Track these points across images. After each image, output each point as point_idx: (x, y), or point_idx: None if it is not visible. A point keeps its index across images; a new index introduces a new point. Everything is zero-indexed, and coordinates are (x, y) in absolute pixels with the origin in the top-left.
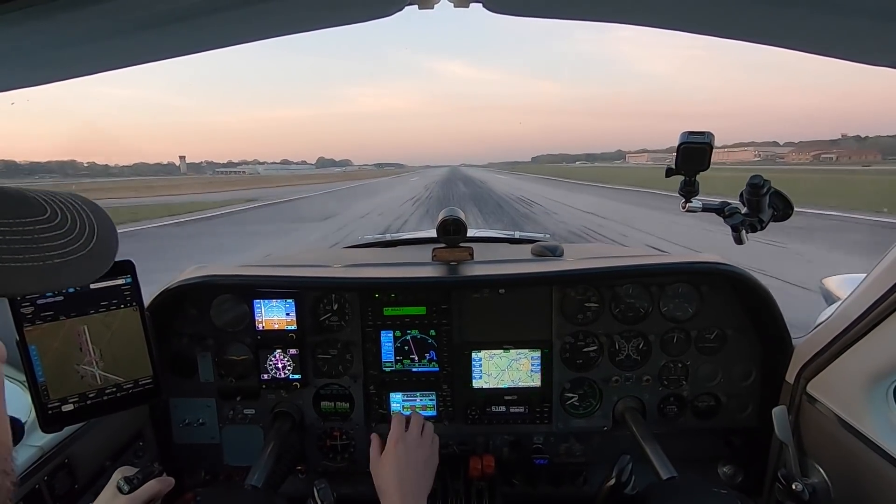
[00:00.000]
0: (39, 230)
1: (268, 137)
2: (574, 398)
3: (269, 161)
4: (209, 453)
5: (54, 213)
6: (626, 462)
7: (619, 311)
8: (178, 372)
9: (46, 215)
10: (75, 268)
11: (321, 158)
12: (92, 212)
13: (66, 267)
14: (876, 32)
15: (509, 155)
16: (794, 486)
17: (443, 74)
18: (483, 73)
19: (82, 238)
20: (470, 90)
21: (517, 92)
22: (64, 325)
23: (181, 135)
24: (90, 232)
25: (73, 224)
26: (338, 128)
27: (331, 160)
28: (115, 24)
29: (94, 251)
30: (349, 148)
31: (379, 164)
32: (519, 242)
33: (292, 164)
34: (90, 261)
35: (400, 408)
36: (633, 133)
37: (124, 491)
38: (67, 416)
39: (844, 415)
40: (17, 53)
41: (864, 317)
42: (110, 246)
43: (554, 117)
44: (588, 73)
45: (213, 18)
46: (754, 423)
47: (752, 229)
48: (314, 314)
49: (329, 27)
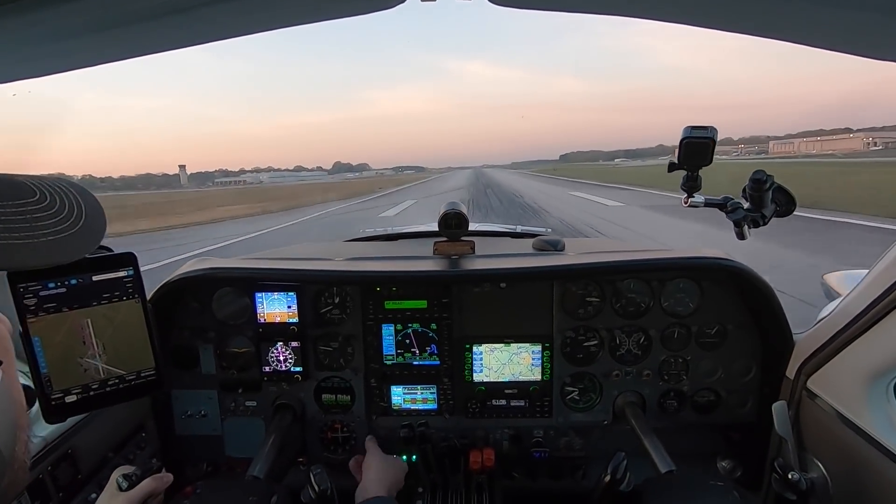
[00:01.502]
0: (32, 211)
1: (282, 144)
2: (574, 392)
3: (281, 168)
4: (211, 445)
5: (43, 196)
6: (621, 459)
7: (620, 306)
8: (179, 364)
9: (36, 197)
10: (67, 244)
11: (337, 163)
12: (79, 193)
13: (58, 244)
14: (884, 27)
15: (535, 153)
16: (791, 475)
17: (462, 74)
18: (503, 70)
19: (71, 218)
20: (490, 89)
21: (538, 90)
22: (67, 318)
23: (185, 144)
24: (79, 212)
25: (63, 205)
26: (355, 132)
27: (347, 165)
28: (115, 14)
29: (83, 229)
30: (367, 151)
31: (398, 167)
32: (520, 236)
33: (302, 171)
34: (80, 238)
35: (401, 401)
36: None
37: (123, 488)
38: (70, 406)
39: (844, 411)
40: (18, 44)
41: (865, 313)
42: (98, 224)
43: (579, 114)
44: (613, 68)
45: (214, 9)
46: (754, 418)
47: (755, 225)
48: (315, 307)
49: (331, 19)
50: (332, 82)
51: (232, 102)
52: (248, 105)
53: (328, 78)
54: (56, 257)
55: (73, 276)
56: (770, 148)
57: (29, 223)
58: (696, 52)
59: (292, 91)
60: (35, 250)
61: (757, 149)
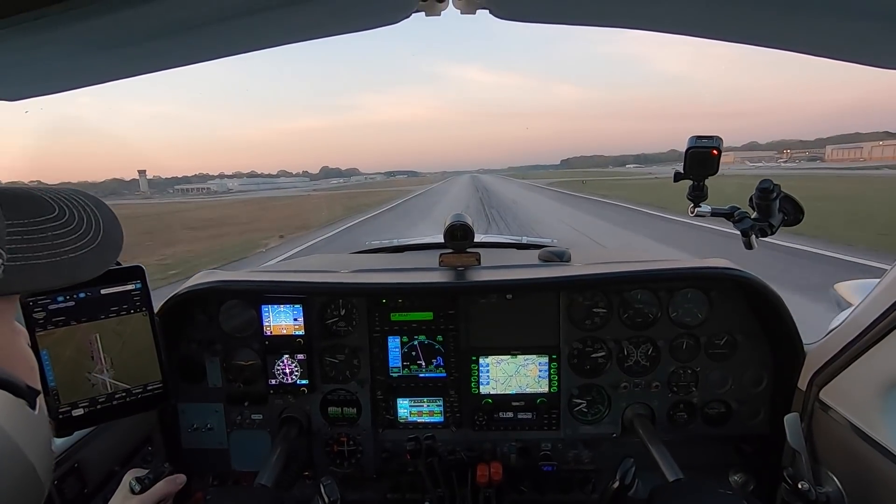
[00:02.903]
0: (51, 228)
1: (270, 149)
2: (582, 404)
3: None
4: (217, 458)
5: (62, 212)
6: (630, 465)
7: (628, 317)
8: (186, 377)
9: (55, 213)
10: (88, 261)
11: (325, 168)
12: (95, 206)
13: (80, 261)
14: (885, 35)
15: (534, 158)
16: (801, 485)
17: (458, 80)
18: (500, 77)
19: (90, 233)
20: (487, 95)
21: (536, 96)
22: (76, 332)
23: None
24: (97, 226)
25: (81, 220)
26: (346, 136)
27: (336, 170)
28: (128, 33)
29: (102, 244)
30: (357, 156)
31: (390, 172)
32: (526, 248)
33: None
34: (100, 254)
35: (407, 413)
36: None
37: (136, 490)
38: (78, 420)
39: (858, 422)
40: (32, 62)
41: (877, 323)
42: (116, 237)
43: (578, 120)
44: (609, 75)
45: (223, 27)
46: (766, 430)
47: (763, 234)
48: (322, 319)
49: (338, 35)
50: (325, 87)
51: (217, 106)
52: (234, 108)
53: (321, 82)
54: (78, 275)
55: (82, 289)
56: (827, 154)
57: (50, 241)
58: (696, 59)
59: (282, 95)
60: (58, 269)
61: (808, 154)
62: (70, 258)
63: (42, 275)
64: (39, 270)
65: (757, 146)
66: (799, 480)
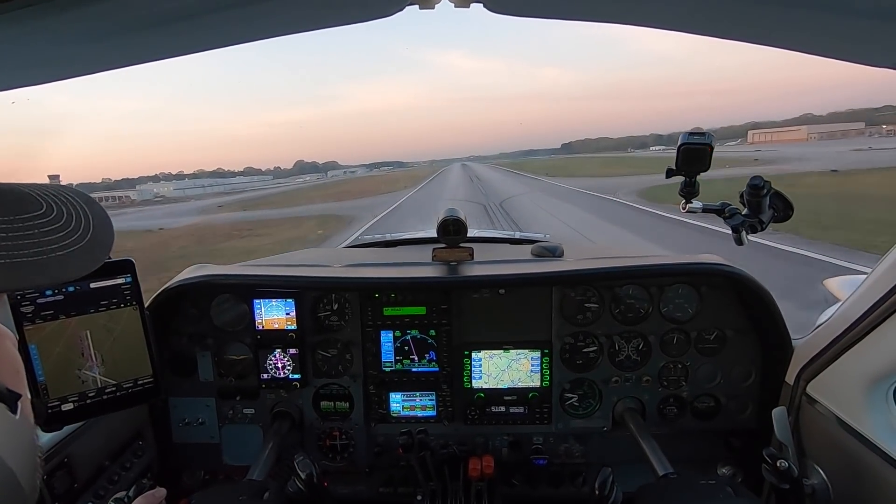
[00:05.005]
0: (38, 225)
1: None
2: (574, 398)
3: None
4: (208, 453)
5: (50, 208)
6: (608, 475)
7: (619, 312)
8: (177, 371)
9: (43, 210)
10: (77, 259)
11: (299, 162)
12: (85, 203)
13: (68, 259)
14: (877, 34)
15: (530, 142)
16: (779, 463)
17: (443, 67)
18: (487, 63)
19: (79, 230)
20: (473, 81)
21: (525, 81)
22: (66, 328)
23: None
24: (86, 224)
25: (70, 218)
26: (325, 128)
27: (312, 164)
28: (115, 23)
29: (91, 242)
30: (337, 148)
31: (373, 164)
32: (519, 242)
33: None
34: (89, 252)
35: (399, 408)
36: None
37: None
38: (67, 415)
39: (844, 416)
40: (18, 52)
41: (864, 318)
42: (106, 235)
43: (574, 101)
44: (600, 56)
45: (213, 18)
46: (754, 424)
47: (753, 230)
48: (314, 314)
49: (330, 27)
50: (305, 77)
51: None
52: (200, 102)
53: (298, 73)
54: (67, 274)
55: (71, 283)
56: None
57: (37, 238)
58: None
59: (257, 86)
60: (45, 268)
61: None
62: (58, 256)
63: (28, 272)
64: (25, 268)
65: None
66: (776, 458)
